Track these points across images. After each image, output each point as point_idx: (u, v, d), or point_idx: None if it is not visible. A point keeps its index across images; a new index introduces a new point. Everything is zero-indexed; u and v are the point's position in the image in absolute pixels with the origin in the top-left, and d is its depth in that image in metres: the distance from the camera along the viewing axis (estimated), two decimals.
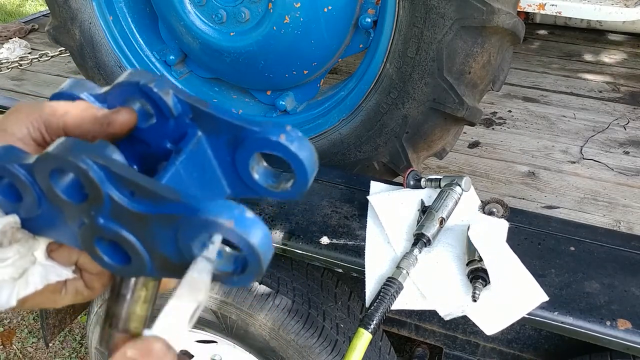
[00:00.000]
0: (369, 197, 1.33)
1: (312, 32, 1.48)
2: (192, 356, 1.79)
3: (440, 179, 1.29)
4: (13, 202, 0.47)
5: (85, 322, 1.93)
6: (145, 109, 0.49)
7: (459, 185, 1.25)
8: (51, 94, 0.51)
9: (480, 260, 1.12)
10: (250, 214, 0.40)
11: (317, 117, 1.66)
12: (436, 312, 1.15)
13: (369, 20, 1.48)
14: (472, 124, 1.44)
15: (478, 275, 1.11)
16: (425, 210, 1.24)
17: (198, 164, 0.48)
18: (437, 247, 1.21)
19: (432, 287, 1.17)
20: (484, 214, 1.28)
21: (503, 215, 1.27)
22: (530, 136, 2.03)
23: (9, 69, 2.53)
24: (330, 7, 1.43)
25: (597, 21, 2.73)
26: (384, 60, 1.40)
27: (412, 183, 1.34)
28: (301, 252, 1.30)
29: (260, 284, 1.49)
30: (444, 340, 1.59)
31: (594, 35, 2.90)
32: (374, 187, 1.38)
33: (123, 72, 0.50)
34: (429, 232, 1.18)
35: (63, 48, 2.08)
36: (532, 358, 1.51)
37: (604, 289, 1.12)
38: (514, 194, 1.71)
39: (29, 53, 2.72)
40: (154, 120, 0.49)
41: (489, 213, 1.27)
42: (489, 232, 1.17)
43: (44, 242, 0.50)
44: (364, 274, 1.21)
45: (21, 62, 2.57)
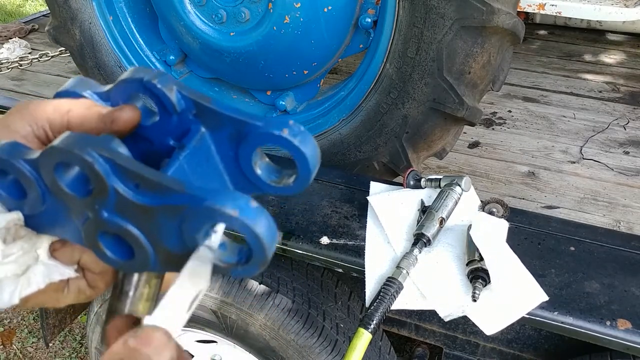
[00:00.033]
0: (368, 197, 1.33)
1: (312, 32, 1.48)
2: (192, 356, 1.79)
3: (440, 179, 1.29)
4: (17, 199, 0.47)
5: (85, 322, 1.93)
6: (149, 106, 0.49)
7: (459, 185, 1.25)
8: (53, 93, 0.51)
9: (480, 260, 1.12)
10: (255, 203, 0.40)
11: (317, 117, 1.66)
12: (436, 312, 1.15)
13: (369, 20, 1.48)
14: (472, 124, 1.45)
15: (478, 275, 1.12)
16: (425, 210, 1.24)
17: (201, 160, 0.48)
18: (437, 247, 1.21)
19: (432, 287, 1.17)
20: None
21: (503, 215, 1.27)
22: (530, 136, 2.03)
23: (9, 69, 2.52)
24: (330, 7, 1.44)
25: (597, 21, 2.73)
26: (384, 61, 1.41)
27: (412, 183, 1.34)
28: (301, 252, 1.30)
29: (260, 283, 1.49)
30: (444, 340, 1.59)
31: (594, 35, 2.90)
32: (374, 187, 1.38)
33: (123, 72, 0.50)
34: (429, 232, 1.18)
35: (63, 48, 2.08)
36: (532, 358, 1.51)
37: (604, 289, 1.12)
38: (514, 194, 1.71)
39: (29, 53, 2.72)
40: (157, 118, 0.49)
41: (489, 213, 1.27)
42: (489, 232, 1.17)
43: (47, 240, 0.50)
44: (364, 274, 1.21)
45: (21, 62, 2.57)
